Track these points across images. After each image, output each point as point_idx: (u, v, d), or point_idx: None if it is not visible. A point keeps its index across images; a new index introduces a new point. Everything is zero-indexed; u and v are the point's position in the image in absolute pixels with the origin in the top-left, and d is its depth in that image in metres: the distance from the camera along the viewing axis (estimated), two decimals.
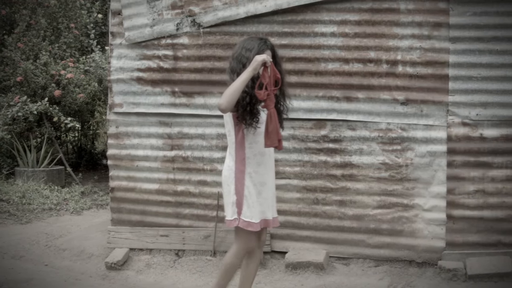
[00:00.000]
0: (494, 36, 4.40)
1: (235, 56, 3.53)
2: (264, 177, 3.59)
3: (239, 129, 3.52)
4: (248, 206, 3.51)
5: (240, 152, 3.54)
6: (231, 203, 3.54)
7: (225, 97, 3.35)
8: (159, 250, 4.93)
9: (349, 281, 4.44)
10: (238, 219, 3.52)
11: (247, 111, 3.45)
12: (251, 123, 3.47)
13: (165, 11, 4.78)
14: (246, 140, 3.52)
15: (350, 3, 4.54)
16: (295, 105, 4.54)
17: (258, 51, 3.48)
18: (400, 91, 4.52)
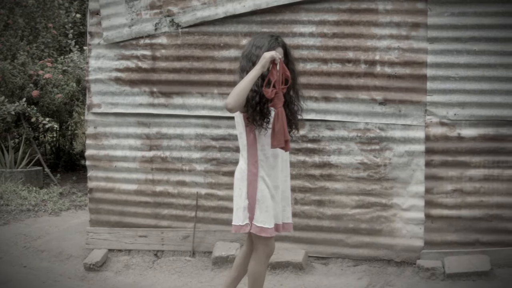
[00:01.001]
0: (472, 36, 4.49)
1: (245, 54, 3.46)
2: (277, 180, 3.51)
3: (250, 131, 3.46)
4: (261, 211, 3.43)
5: (252, 155, 3.48)
6: (243, 207, 3.46)
7: (232, 96, 3.27)
8: (138, 250, 4.96)
9: (328, 281, 4.51)
10: (250, 225, 3.44)
11: (257, 111, 3.37)
12: (261, 124, 3.39)
13: (144, 11, 4.81)
14: (258, 142, 3.45)
15: (328, 3, 4.60)
16: None
17: (268, 48, 3.42)
18: (378, 91, 4.60)
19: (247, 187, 3.48)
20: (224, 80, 4.74)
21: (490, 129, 4.51)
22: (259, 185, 3.47)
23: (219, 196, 4.87)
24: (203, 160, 4.87)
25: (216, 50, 4.75)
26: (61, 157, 8.83)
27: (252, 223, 3.44)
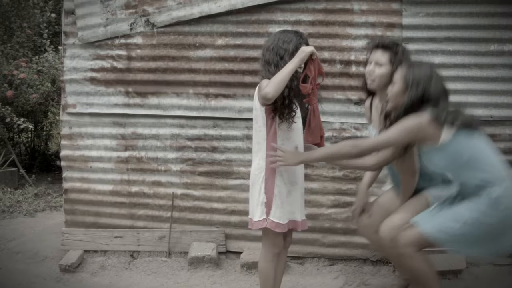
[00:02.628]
0: (446, 36, 4.63)
1: (271, 48, 3.50)
2: (295, 176, 3.59)
3: (272, 125, 3.54)
4: (277, 206, 3.51)
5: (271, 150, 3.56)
6: (260, 203, 3.52)
7: (273, 85, 3.32)
8: (114, 251, 5.02)
9: (304, 280, 4.61)
10: (266, 220, 3.51)
11: (285, 104, 3.47)
12: (288, 118, 3.51)
13: (119, 10, 4.87)
14: (278, 137, 3.51)
15: (304, 3, 4.70)
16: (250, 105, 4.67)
17: (296, 43, 3.53)
18: (354, 91, 4.72)
19: (265, 182, 3.55)
20: (200, 80, 4.83)
21: None
22: (277, 181, 3.55)
23: (195, 196, 4.95)
24: (178, 160, 4.95)
25: (192, 50, 4.82)
26: (36, 158, 8.83)
27: (268, 218, 3.54)
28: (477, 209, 3.26)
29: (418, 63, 3.45)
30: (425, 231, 3.38)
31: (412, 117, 3.30)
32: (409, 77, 3.31)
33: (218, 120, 4.89)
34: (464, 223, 3.27)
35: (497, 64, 4.64)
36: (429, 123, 3.26)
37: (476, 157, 3.28)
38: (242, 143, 4.85)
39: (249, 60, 4.75)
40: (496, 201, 3.22)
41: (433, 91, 3.32)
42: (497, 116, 4.67)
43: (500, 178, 3.25)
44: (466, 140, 3.27)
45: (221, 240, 4.94)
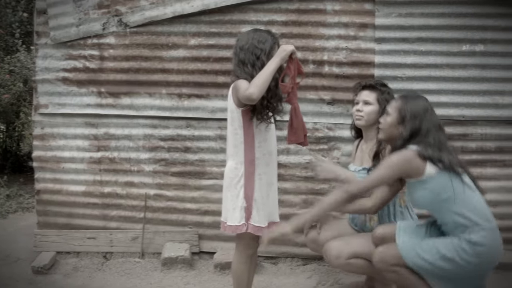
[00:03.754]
0: (418, 37, 4.74)
1: (246, 47, 3.54)
2: (272, 177, 3.67)
3: (249, 127, 3.60)
4: (257, 210, 3.57)
5: (249, 153, 3.59)
6: (239, 207, 3.56)
7: (256, 86, 3.34)
8: (87, 253, 5.07)
9: (278, 280, 4.71)
10: (246, 225, 3.57)
11: (264, 105, 3.54)
12: (266, 118, 3.58)
13: (92, 10, 4.92)
14: (256, 139, 3.57)
15: (277, 3, 4.79)
16: (223, 105, 4.80)
17: (271, 43, 3.60)
18: (327, 91, 4.83)
19: (244, 187, 3.62)
20: (173, 80, 4.90)
21: None
22: (256, 184, 3.63)
23: (168, 196, 5.03)
24: (151, 160, 5.02)
25: (165, 50, 4.89)
26: (8, 159, 8.79)
27: (248, 223, 3.62)
28: (454, 249, 3.36)
29: (413, 95, 3.53)
30: (404, 255, 3.48)
31: (398, 152, 3.42)
32: (406, 109, 3.40)
33: (191, 120, 4.96)
34: (441, 258, 3.37)
35: (469, 64, 4.77)
36: (415, 156, 3.36)
37: (457, 198, 3.36)
38: (215, 143, 4.93)
39: (222, 60, 4.83)
40: (473, 247, 3.32)
41: (428, 124, 3.42)
42: (468, 116, 4.80)
43: (479, 225, 3.34)
44: (449, 179, 3.36)
45: (194, 240, 5.02)
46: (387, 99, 4.02)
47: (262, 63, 3.57)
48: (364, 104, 4.06)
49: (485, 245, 3.33)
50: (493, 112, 4.81)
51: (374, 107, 4.05)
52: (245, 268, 3.80)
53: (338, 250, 3.82)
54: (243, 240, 3.76)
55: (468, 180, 3.43)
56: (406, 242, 3.55)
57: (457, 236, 3.38)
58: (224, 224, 3.74)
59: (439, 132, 3.46)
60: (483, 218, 3.37)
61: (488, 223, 3.38)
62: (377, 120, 3.98)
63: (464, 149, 4.83)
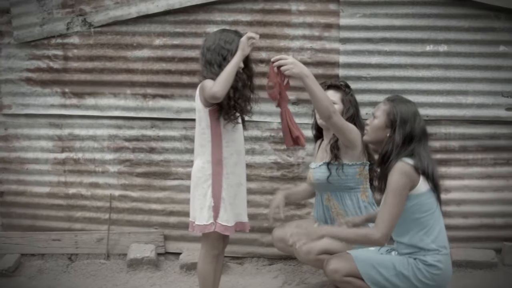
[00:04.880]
0: (383, 37, 4.83)
1: (213, 48, 3.60)
2: (240, 177, 3.74)
3: (216, 126, 3.67)
4: (225, 209, 3.64)
5: (217, 152, 3.66)
6: (207, 206, 3.63)
7: (219, 84, 3.44)
8: (52, 254, 5.09)
9: (244, 280, 4.77)
10: (214, 224, 3.65)
11: (230, 105, 3.59)
12: (233, 118, 3.61)
13: (55, 10, 4.92)
14: (223, 139, 3.64)
15: (242, 4, 4.84)
16: (187, 105, 4.86)
17: (238, 44, 3.66)
18: (291, 91, 4.80)
19: (212, 186, 3.68)
20: (137, 81, 4.94)
21: None
22: (224, 184, 3.70)
23: (133, 197, 5.07)
24: (116, 161, 5.05)
25: (129, 50, 4.93)
26: None
27: (216, 222, 3.69)
28: (410, 268, 3.44)
29: (402, 99, 3.50)
30: (359, 267, 3.53)
31: (395, 172, 3.37)
32: (395, 113, 3.38)
33: (155, 120, 5.00)
34: (397, 275, 3.45)
35: (433, 64, 4.87)
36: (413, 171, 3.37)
37: (425, 219, 3.42)
38: (180, 143, 4.98)
39: (187, 61, 4.87)
40: (428, 269, 3.41)
41: (419, 131, 3.44)
42: (432, 115, 4.89)
43: (436, 250, 3.43)
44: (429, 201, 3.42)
45: (160, 241, 5.06)
46: (350, 100, 4.13)
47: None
48: None
49: (440, 269, 3.41)
50: (456, 112, 4.91)
51: (338, 106, 4.14)
52: (211, 268, 3.86)
53: (308, 246, 3.89)
54: (209, 240, 3.81)
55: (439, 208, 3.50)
56: (362, 253, 3.61)
57: (413, 256, 3.46)
58: (193, 224, 3.80)
59: (426, 139, 3.49)
60: (440, 246, 3.45)
61: (444, 249, 3.46)
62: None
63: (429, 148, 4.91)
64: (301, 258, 4.09)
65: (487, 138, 4.96)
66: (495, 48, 4.86)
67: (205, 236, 3.81)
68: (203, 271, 3.88)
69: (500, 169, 5.01)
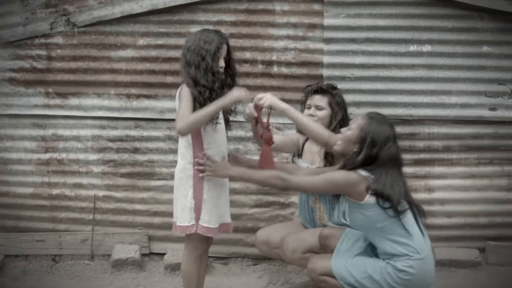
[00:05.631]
0: (367, 37, 4.88)
1: (192, 49, 3.60)
2: (223, 179, 3.74)
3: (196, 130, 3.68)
4: (206, 211, 3.64)
5: (198, 154, 3.70)
6: (189, 208, 3.64)
7: (187, 123, 3.48)
8: (35, 255, 5.09)
9: (229, 281, 4.80)
10: (196, 225, 3.66)
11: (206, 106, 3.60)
12: (212, 120, 3.64)
13: (39, 9, 4.93)
14: (204, 140, 3.64)
15: (226, 4, 4.87)
16: (171, 105, 4.87)
17: (218, 43, 3.67)
18: (276, 91, 4.90)
19: (193, 187, 3.70)
20: (121, 81, 4.96)
21: None
22: (205, 185, 3.70)
23: (117, 198, 5.09)
24: (100, 161, 5.07)
25: (113, 50, 4.94)
26: None
27: (198, 224, 3.71)
28: (380, 272, 3.48)
29: (381, 119, 3.49)
30: (333, 266, 3.59)
31: (346, 172, 3.45)
32: (367, 132, 3.39)
33: (139, 121, 5.02)
34: (368, 278, 3.49)
35: (416, 64, 4.92)
36: (361, 183, 3.42)
37: (389, 227, 3.46)
38: (164, 143, 5.01)
39: (171, 61, 4.89)
40: (397, 274, 3.45)
41: (385, 156, 3.44)
42: (416, 115, 4.95)
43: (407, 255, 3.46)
44: (386, 213, 3.43)
45: (144, 241, 5.08)
46: (338, 103, 4.16)
47: (207, 64, 3.66)
48: (316, 109, 4.17)
49: (412, 274, 3.44)
50: (440, 112, 4.97)
51: (326, 111, 4.18)
52: (194, 268, 3.88)
53: (294, 245, 3.93)
54: (192, 241, 3.84)
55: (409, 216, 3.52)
56: (340, 253, 3.67)
57: (385, 261, 3.51)
58: (175, 225, 3.82)
59: (394, 166, 3.47)
60: (411, 251, 3.47)
61: (416, 254, 3.47)
62: (328, 124, 4.11)
63: (412, 148, 4.98)
64: (287, 257, 4.12)
65: (471, 137, 5.02)
66: (479, 48, 4.92)
67: (188, 237, 3.84)
68: (187, 271, 3.90)
69: (484, 169, 5.07)
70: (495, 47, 4.90)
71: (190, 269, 3.88)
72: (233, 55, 3.94)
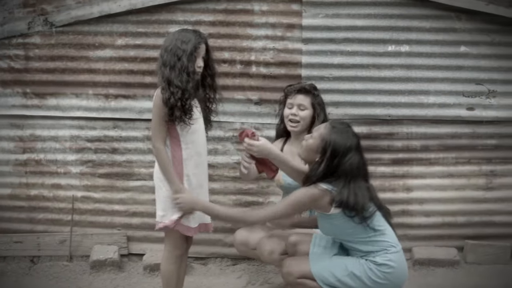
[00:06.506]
0: (345, 37, 4.92)
1: (169, 49, 3.62)
2: (201, 178, 3.80)
3: (172, 129, 3.72)
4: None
5: (177, 155, 3.72)
6: (169, 207, 3.70)
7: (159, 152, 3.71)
8: (13, 257, 5.09)
9: (208, 281, 4.83)
10: (176, 224, 3.71)
11: (179, 107, 3.64)
12: (184, 120, 3.67)
13: (17, 9, 4.92)
14: (181, 141, 3.71)
15: (204, 4, 4.89)
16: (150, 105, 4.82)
17: (195, 43, 3.70)
18: (254, 91, 4.96)
19: None
20: (99, 81, 4.96)
21: (363, 127, 4.94)
22: (184, 185, 3.75)
23: (96, 198, 5.10)
24: (78, 162, 5.08)
25: (91, 50, 4.95)
26: None
27: (178, 223, 3.75)
28: (362, 268, 3.53)
29: (343, 128, 3.48)
30: (313, 268, 3.62)
31: (306, 190, 3.48)
32: (328, 142, 3.39)
33: (118, 121, 5.03)
34: (349, 275, 3.53)
35: (394, 64, 4.97)
36: (324, 196, 3.45)
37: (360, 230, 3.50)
38: (142, 144, 5.02)
39: (149, 61, 4.90)
40: (378, 268, 3.50)
41: (347, 167, 3.39)
42: (394, 115, 5.00)
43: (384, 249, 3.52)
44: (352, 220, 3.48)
45: (123, 242, 5.09)
46: (319, 103, 4.20)
47: (182, 64, 3.69)
48: (299, 108, 4.20)
49: (392, 267, 3.50)
50: (418, 112, 5.02)
51: (309, 111, 4.23)
52: (174, 268, 3.91)
53: (272, 246, 3.96)
54: (172, 241, 3.88)
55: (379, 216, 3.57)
56: (317, 255, 3.70)
57: (363, 258, 3.55)
58: (158, 224, 3.85)
59: (358, 175, 3.48)
60: (387, 246, 3.54)
61: (393, 248, 3.54)
62: (310, 124, 4.15)
63: (390, 147, 5.03)
64: (265, 258, 4.15)
65: (449, 137, 5.08)
66: (456, 48, 4.98)
67: (167, 236, 3.88)
68: (166, 271, 3.93)
69: (462, 168, 5.13)
70: (472, 47, 4.96)
71: (170, 269, 3.91)
72: (212, 55, 3.97)
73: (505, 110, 5.02)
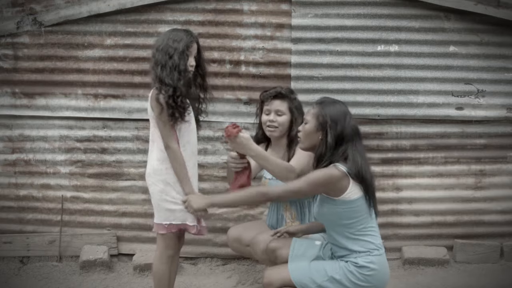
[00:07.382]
0: (334, 37, 4.95)
1: (161, 48, 3.64)
2: (194, 179, 3.81)
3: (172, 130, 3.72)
4: (181, 209, 3.73)
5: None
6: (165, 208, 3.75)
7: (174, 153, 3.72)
8: (3, 258, 5.09)
9: (198, 281, 4.85)
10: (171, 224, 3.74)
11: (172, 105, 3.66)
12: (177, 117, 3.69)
13: (5, 8, 4.92)
14: (180, 142, 3.72)
15: (194, 3, 4.91)
16: (139, 105, 4.92)
17: (186, 42, 3.72)
18: (243, 91, 4.98)
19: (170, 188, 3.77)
20: (88, 80, 4.98)
21: None
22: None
23: (85, 198, 5.11)
24: (67, 162, 5.09)
25: (80, 49, 4.96)
26: None
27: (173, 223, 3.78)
28: (342, 272, 3.52)
29: (330, 100, 3.53)
30: (293, 275, 3.60)
31: (326, 169, 3.45)
32: (324, 115, 3.40)
33: (107, 121, 5.04)
34: (329, 280, 3.52)
35: (384, 64, 5.01)
36: (343, 177, 3.43)
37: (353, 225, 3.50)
38: (132, 144, 5.04)
39: (139, 60, 4.93)
40: (359, 270, 3.49)
41: (350, 130, 3.47)
42: (383, 115, 5.04)
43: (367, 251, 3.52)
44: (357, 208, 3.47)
45: (112, 242, 5.10)
46: (297, 107, 4.20)
47: (173, 63, 3.71)
48: (277, 114, 4.22)
49: (373, 269, 3.50)
50: (407, 111, 5.06)
51: (286, 116, 4.22)
52: (166, 268, 3.93)
53: (265, 244, 3.96)
54: (164, 241, 3.89)
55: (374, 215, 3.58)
56: (296, 262, 3.68)
57: (345, 259, 3.56)
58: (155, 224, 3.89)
59: (359, 140, 3.53)
60: (371, 248, 3.54)
61: (376, 250, 3.54)
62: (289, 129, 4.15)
63: (380, 147, 5.06)
64: (258, 256, 4.16)
65: (438, 137, 5.12)
66: (445, 48, 5.02)
67: (159, 236, 3.89)
68: (159, 271, 3.94)
69: (451, 168, 5.17)
70: (461, 47, 5.00)
71: (162, 269, 3.93)
72: (203, 54, 4.00)
73: (494, 109, 5.06)
